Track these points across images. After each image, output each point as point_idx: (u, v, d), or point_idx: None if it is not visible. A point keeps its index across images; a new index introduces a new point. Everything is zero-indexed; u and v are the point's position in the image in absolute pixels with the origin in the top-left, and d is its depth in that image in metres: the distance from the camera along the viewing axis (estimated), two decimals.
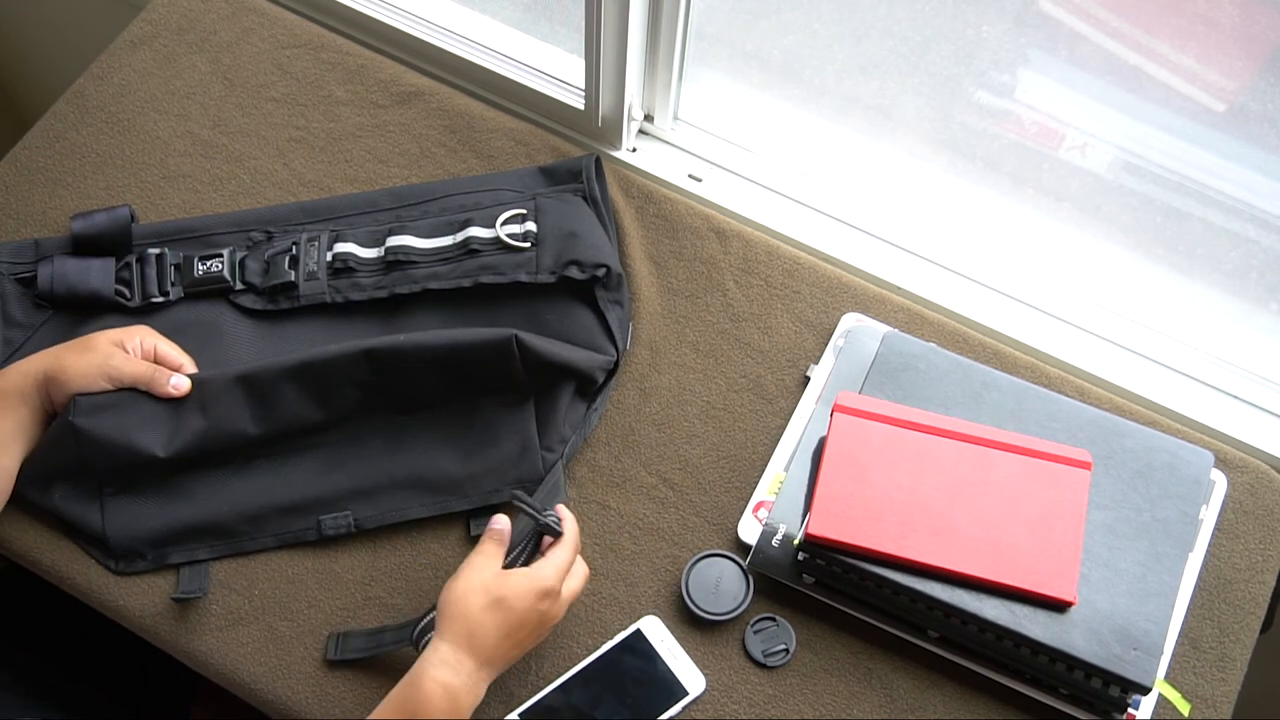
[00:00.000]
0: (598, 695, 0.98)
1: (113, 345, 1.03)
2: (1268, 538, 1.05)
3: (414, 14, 1.29)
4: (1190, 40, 0.99)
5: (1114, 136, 1.09)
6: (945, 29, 1.08)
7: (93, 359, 1.02)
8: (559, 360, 1.06)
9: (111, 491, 1.03)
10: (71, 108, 1.24)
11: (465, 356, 1.04)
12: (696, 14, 1.15)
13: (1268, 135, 1.01)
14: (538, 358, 1.04)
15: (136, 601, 1.02)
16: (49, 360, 1.01)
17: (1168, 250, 1.15)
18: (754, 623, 1.02)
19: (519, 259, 1.11)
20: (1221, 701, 0.99)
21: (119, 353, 1.03)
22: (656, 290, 1.16)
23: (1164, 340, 1.16)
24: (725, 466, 1.08)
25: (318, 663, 1.01)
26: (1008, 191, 1.19)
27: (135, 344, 1.04)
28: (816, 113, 1.24)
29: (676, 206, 1.20)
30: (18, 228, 1.17)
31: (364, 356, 1.04)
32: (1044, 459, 1.00)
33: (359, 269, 1.12)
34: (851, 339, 1.11)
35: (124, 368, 1.02)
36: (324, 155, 1.22)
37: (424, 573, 1.04)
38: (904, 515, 0.98)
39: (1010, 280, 1.19)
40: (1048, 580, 0.95)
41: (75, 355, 1.02)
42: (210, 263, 1.12)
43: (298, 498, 1.04)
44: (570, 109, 1.24)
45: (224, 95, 1.25)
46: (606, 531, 1.05)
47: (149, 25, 1.29)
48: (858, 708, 0.99)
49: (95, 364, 1.01)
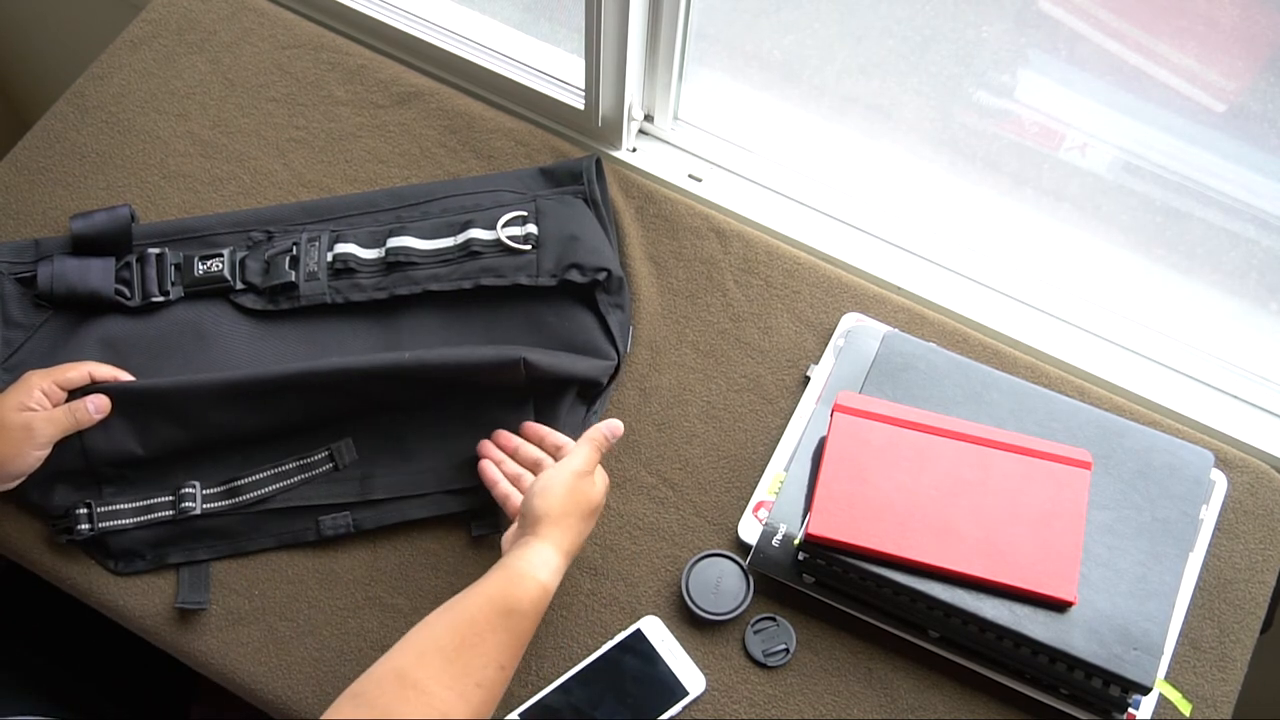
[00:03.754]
0: (598, 695, 0.98)
1: (20, 413, 0.99)
2: (1268, 538, 1.05)
3: (414, 14, 1.29)
4: (1190, 40, 0.99)
5: (1114, 136, 1.09)
6: (945, 29, 1.08)
7: (14, 439, 0.98)
8: (566, 374, 1.06)
9: (113, 492, 1.03)
10: (71, 108, 1.24)
11: (471, 376, 1.04)
12: (696, 14, 1.15)
13: (1268, 135, 1.01)
14: (545, 374, 1.05)
15: (136, 601, 1.03)
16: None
17: (1168, 250, 1.15)
18: (754, 623, 1.02)
19: (520, 261, 1.11)
20: (1221, 701, 0.99)
21: (34, 418, 0.99)
22: (656, 290, 1.16)
23: (1164, 340, 1.16)
24: (725, 466, 1.08)
25: (318, 662, 1.01)
26: (1008, 191, 1.19)
27: (38, 397, 1.00)
28: (816, 113, 1.24)
29: (676, 206, 1.20)
30: (18, 228, 1.17)
31: (365, 376, 1.03)
32: (1044, 459, 1.00)
33: (359, 270, 1.12)
34: (851, 339, 1.11)
35: (46, 429, 0.99)
36: (324, 155, 1.22)
37: (424, 573, 1.04)
38: (904, 515, 0.98)
39: (1010, 280, 1.19)
40: (1048, 580, 0.95)
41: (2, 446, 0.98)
42: (210, 262, 1.12)
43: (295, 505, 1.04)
44: (570, 109, 1.24)
45: (224, 95, 1.25)
46: (606, 531, 1.05)
47: (149, 25, 1.29)
48: (858, 708, 0.99)
49: (19, 443, 0.98)
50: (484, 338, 1.10)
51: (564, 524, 0.93)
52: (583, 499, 0.94)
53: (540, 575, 0.90)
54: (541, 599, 0.89)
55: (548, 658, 1.01)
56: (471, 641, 0.85)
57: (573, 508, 0.94)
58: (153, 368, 1.09)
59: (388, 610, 1.03)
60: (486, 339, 1.10)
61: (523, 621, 0.87)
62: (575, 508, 0.94)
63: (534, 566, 0.90)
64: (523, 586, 0.89)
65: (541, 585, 0.89)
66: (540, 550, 0.91)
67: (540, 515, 0.93)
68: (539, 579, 0.89)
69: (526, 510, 0.94)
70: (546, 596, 0.90)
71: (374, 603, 1.03)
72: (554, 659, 1.01)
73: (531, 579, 0.89)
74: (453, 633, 0.85)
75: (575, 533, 0.94)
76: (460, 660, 0.84)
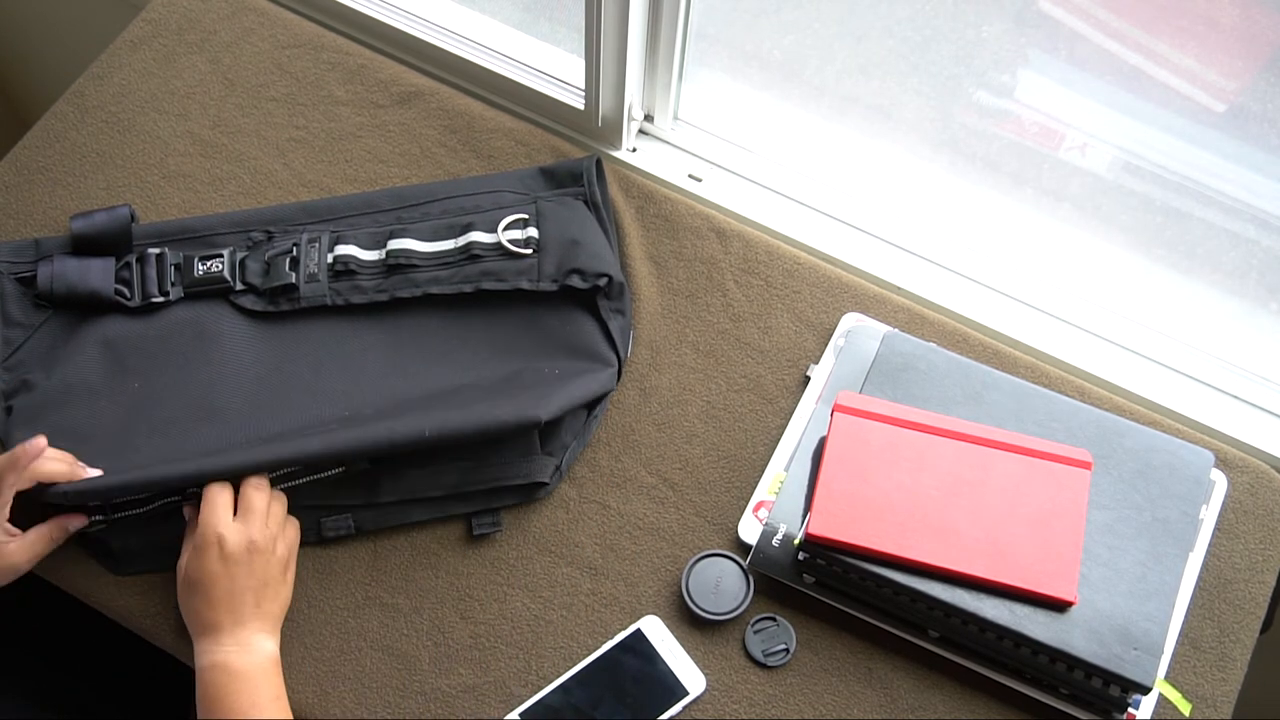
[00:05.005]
0: (598, 695, 0.98)
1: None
2: (1268, 538, 1.05)
3: (414, 14, 1.29)
4: (1190, 40, 0.99)
5: (1114, 136, 1.09)
6: (945, 29, 1.08)
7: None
8: (581, 404, 1.07)
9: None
10: (71, 108, 1.24)
11: (488, 436, 1.03)
12: (696, 14, 1.15)
13: (1268, 135, 1.01)
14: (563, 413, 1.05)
15: (136, 602, 1.02)
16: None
17: (1168, 250, 1.15)
18: (754, 623, 1.02)
19: (521, 265, 1.11)
20: (1221, 701, 0.99)
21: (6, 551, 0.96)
22: (656, 290, 1.16)
23: (1164, 340, 1.16)
24: (725, 466, 1.08)
25: (318, 662, 1.01)
26: (1008, 191, 1.19)
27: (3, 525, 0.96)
28: (816, 113, 1.24)
29: (676, 206, 1.20)
30: (18, 228, 1.17)
31: (386, 444, 1.01)
32: (1044, 459, 1.00)
33: (360, 271, 1.12)
34: (851, 339, 1.11)
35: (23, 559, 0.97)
36: (324, 155, 1.22)
37: (424, 573, 1.04)
38: (904, 515, 0.98)
39: (1010, 280, 1.19)
40: (1048, 580, 0.95)
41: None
42: (210, 263, 1.12)
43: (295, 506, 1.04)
44: (570, 109, 1.24)
45: (224, 95, 1.25)
46: (606, 531, 1.05)
47: (149, 25, 1.29)
48: (858, 708, 0.99)
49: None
50: (484, 340, 1.10)
51: (188, 619, 0.98)
52: (185, 583, 0.97)
53: (200, 663, 0.95)
54: (219, 673, 0.94)
55: (548, 658, 1.01)
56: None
57: (183, 599, 0.98)
58: (152, 368, 1.09)
59: (388, 610, 1.03)
60: (487, 341, 1.10)
61: (226, 699, 0.93)
62: (183, 599, 0.98)
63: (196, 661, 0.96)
64: (200, 684, 0.95)
65: (206, 668, 0.95)
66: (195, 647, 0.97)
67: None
68: (202, 666, 0.95)
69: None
70: (222, 666, 0.94)
71: (374, 603, 1.03)
72: (554, 659, 1.01)
73: (200, 671, 0.95)
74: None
75: (193, 612, 0.97)
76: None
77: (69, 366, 1.08)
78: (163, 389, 1.08)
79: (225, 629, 0.94)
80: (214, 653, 0.94)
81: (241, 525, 0.96)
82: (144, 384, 1.08)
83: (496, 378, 1.08)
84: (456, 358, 1.10)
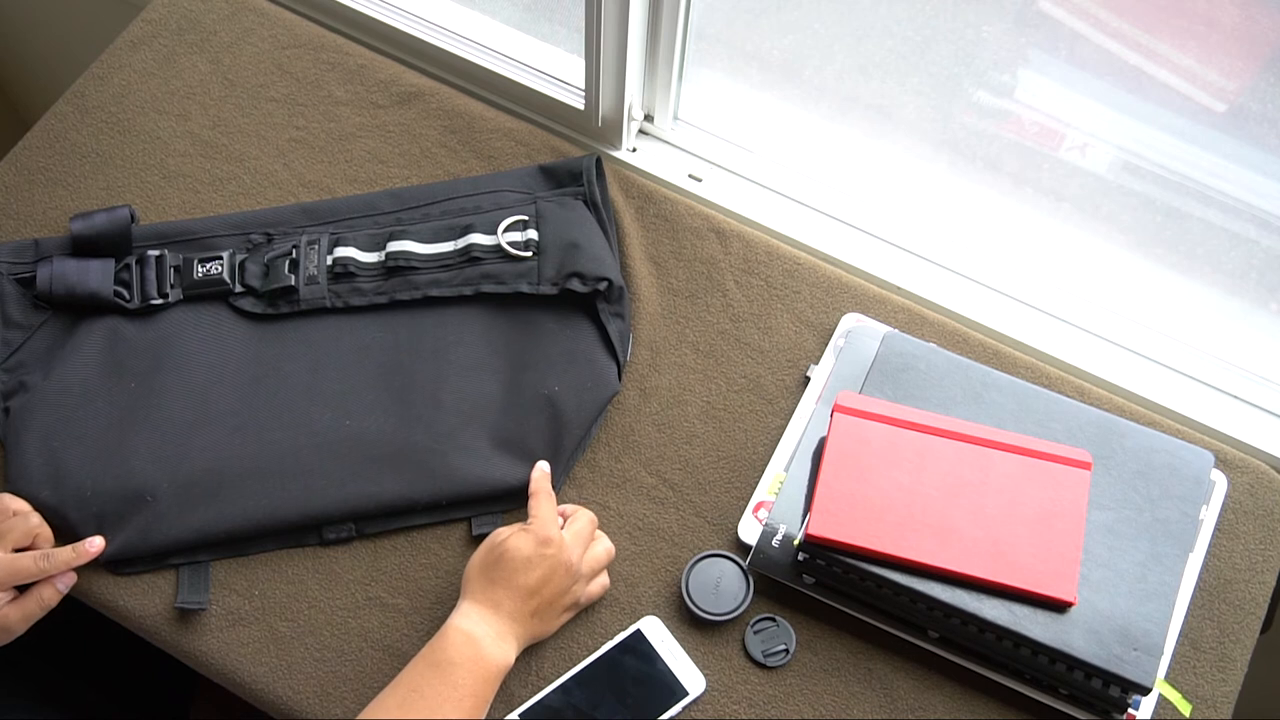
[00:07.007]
0: (598, 695, 0.98)
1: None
2: (1268, 538, 1.05)
3: (414, 14, 1.29)
4: (1190, 40, 0.99)
5: (1114, 136, 1.09)
6: (945, 29, 1.08)
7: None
8: (589, 423, 1.08)
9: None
10: (71, 108, 1.24)
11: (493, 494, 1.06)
12: (696, 14, 1.15)
13: (1268, 135, 1.01)
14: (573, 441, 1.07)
15: (137, 601, 1.03)
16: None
17: (1168, 250, 1.15)
18: (754, 623, 1.02)
19: (520, 268, 1.11)
20: (1221, 701, 0.99)
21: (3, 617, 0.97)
22: (656, 290, 1.16)
23: (1164, 340, 1.16)
24: (725, 466, 1.08)
25: (318, 663, 1.01)
26: (1008, 191, 1.19)
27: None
28: (816, 113, 1.24)
29: (676, 206, 1.20)
30: (18, 228, 1.17)
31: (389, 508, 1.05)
32: (1044, 459, 1.00)
33: (359, 274, 1.12)
34: (851, 339, 1.11)
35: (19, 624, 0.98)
36: (324, 156, 1.22)
37: (424, 573, 1.04)
38: (904, 515, 0.98)
39: (1010, 280, 1.19)
40: (1048, 580, 0.95)
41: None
42: (210, 265, 1.12)
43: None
44: (570, 109, 1.24)
45: (224, 95, 1.25)
46: (607, 532, 1.05)
47: (149, 25, 1.29)
48: (858, 708, 0.99)
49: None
50: (484, 342, 1.10)
51: (478, 581, 0.96)
52: (500, 556, 0.96)
53: (459, 624, 0.94)
54: (465, 644, 0.92)
55: (548, 658, 1.01)
56: (410, 699, 0.89)
57: (486, 566, 0.96)
58: (150, 370, 1.08)
59: (388, 610, 1.03)
60: (486, 343, 1.10)
61: (456, 671, 0.91)
62: (487, 566, 0.96)
63: (454, 618, 0.95)
64: (445, 638, 0.93)
65: (462, 632, 0.93)
66: (460, 605, 0.96)
67: (464, 577, 0.98)
68: (459, 627, 0.93)
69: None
70: (472, 642, 0.92)
71: (374, 603, 1.03)
72: (554, 659, 1.01)
73: (453, 629, 0.93)
74: (394, 695, 0.91)
75: (489, 583, 0.95)
76: (404, 716, 0.88)
77: (67, 368, 1.08)
78: (160, 390, 1.08)
79: (502, 613, 0.94)
80: (475, 623, 0.94)
81: (579, 549, 0.98)
82: (141, 385, 1.08)
83: (498, 394, 1.08)
84: (456, 359, 1.10)
